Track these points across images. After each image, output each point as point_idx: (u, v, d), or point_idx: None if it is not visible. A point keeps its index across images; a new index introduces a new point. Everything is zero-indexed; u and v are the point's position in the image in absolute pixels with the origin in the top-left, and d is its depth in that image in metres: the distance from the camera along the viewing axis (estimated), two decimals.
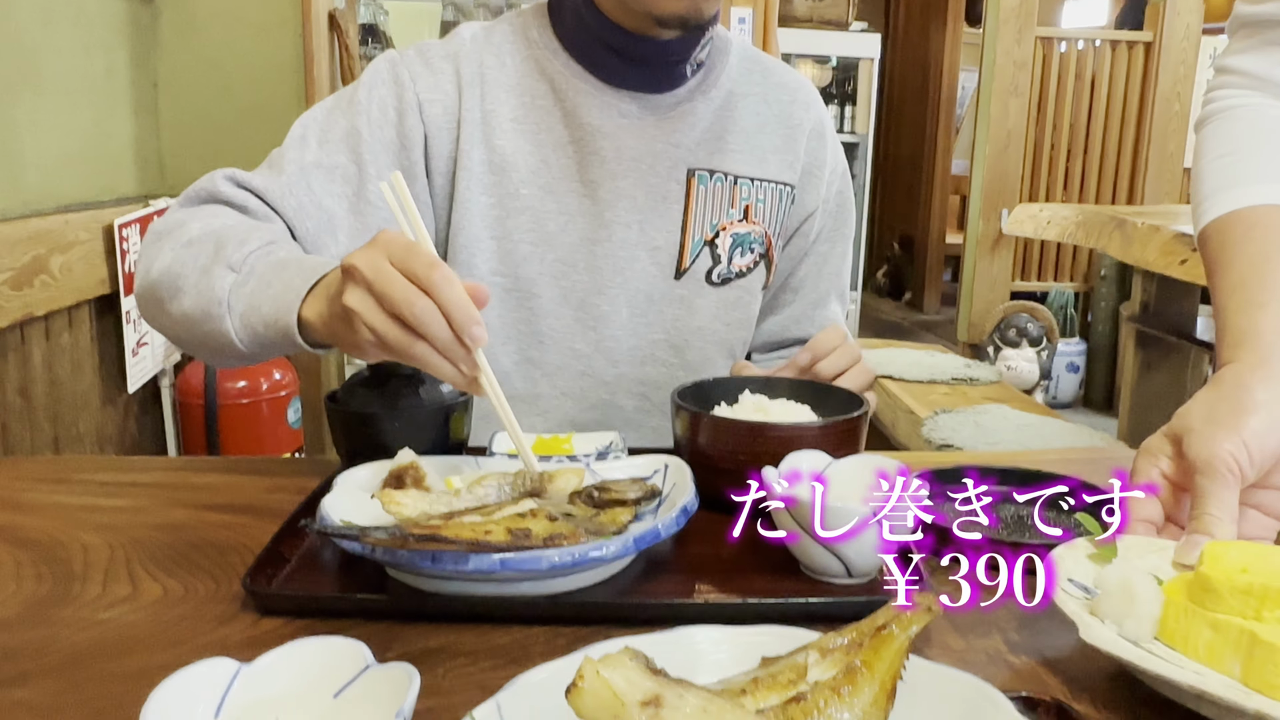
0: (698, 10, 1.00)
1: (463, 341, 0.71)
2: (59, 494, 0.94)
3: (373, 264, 0.71)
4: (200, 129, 2.63)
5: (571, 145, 1.09)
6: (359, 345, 0.74)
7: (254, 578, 0.71)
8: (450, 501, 0.72)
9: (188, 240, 0.92)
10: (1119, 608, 0.62)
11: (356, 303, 0.72)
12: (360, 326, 0.72)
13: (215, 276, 0.88)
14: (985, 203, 4.72)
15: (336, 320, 0.77)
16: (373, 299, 0.71)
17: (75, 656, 0.64)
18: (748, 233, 1.14)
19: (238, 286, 0.87)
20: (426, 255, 0.72)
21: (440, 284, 0.70)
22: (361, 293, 0.72)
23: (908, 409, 3.10)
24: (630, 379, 1.14)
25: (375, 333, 0.72)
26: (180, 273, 0.91)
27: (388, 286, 0.71)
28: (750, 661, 0.53)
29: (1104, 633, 0.60)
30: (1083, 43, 4.80)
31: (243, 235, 0.91)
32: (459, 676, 0.61)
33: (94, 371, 2.23)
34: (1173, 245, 2.68)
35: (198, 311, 0.89)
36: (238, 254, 0.88)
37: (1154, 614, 0.61)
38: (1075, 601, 0.63)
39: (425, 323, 0.71)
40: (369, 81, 1.07)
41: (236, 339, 0.88)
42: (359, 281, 0.72)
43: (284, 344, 0.85)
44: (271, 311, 0.84)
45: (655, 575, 0.75)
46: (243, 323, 0.87)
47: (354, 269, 0.72)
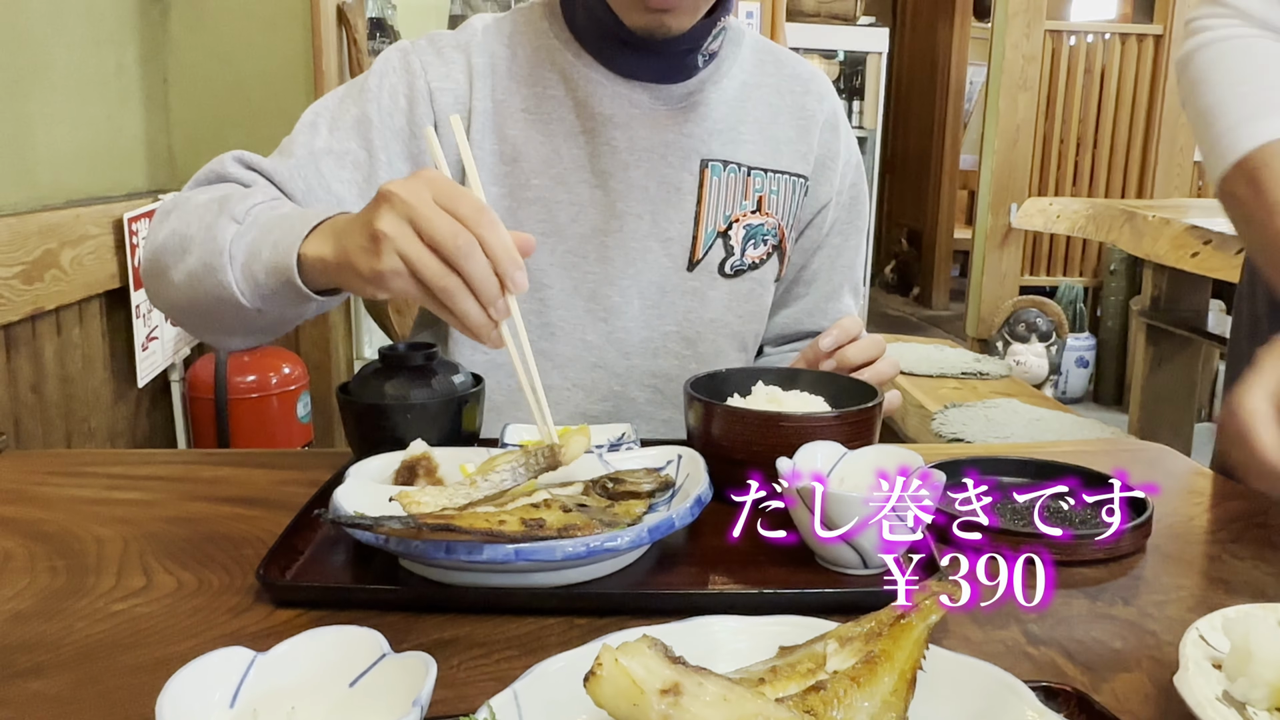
0: (664, 26, 1.01)
1: (503, 284, 0.69)
2: (72, 487, 0.94)
3: (416, 193, 0.69)
4: (210, 123, 2.63)
5: (583, 136, 1.08)
6: (378, 275, 0.71)
7: (268, 569, 0.70)
8: (469, 492, 0.71)
9: (193, 206, 0.92)
10: (1236, 665, 0.56)
11: (391, 227, 0.69)
12: (389, 253, 0.69)
13: (219, 229, 0.87)
14: (994, 197, 4.71)
15: (355, 249, 0.73)
16: (410, 227, 0.69)
17: (90, 648, 0.64)
18: (761, 224, 1.14)
19: (239, 236, 0.86)
20: (475, 198, 0.70)
21: (488, 226, 0.68)
22: (398, 218, 0.69)
23: (918, 403, 3.10)
24: (642, 371, 1.13)
25: (407, 260, 0.69)
26: (186, 233, 0.90)
27: (431, 215, 0.68)
28: (768, 651, 0.53)
29: (1196, 683, 0.54)
30: (1092, 36, 4.78)
31: (248, 191, 0.91)
32: (474, 667, 0.61)
33: (104, 366, 2.23)
34: (1183, 239, 2.66)
35: (201, 266, 0.87)
36: (241, 206, 0.88)
37: (1271, 680, 0.54)
38: (1200, 648, 0.59)
39: (467, 254, 0.68)
40: (380, 70, 1.07)
41: (238, 291, 0.86)
42: (398, 207, 0.69)
43: (285, 292, 0.83)
44: (271, 256, 0.82)
45: (670, 566, 0.75)
46: (244, 273, 0.85)
47: (394, 194, 0.69)
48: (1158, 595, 0.73)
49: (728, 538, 0.78)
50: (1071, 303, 4.94)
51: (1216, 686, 0.56)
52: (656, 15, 0.99)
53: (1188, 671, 0.55)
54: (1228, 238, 2.45)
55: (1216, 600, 0.72)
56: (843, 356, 0.99)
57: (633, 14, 1.01)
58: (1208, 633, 0.60)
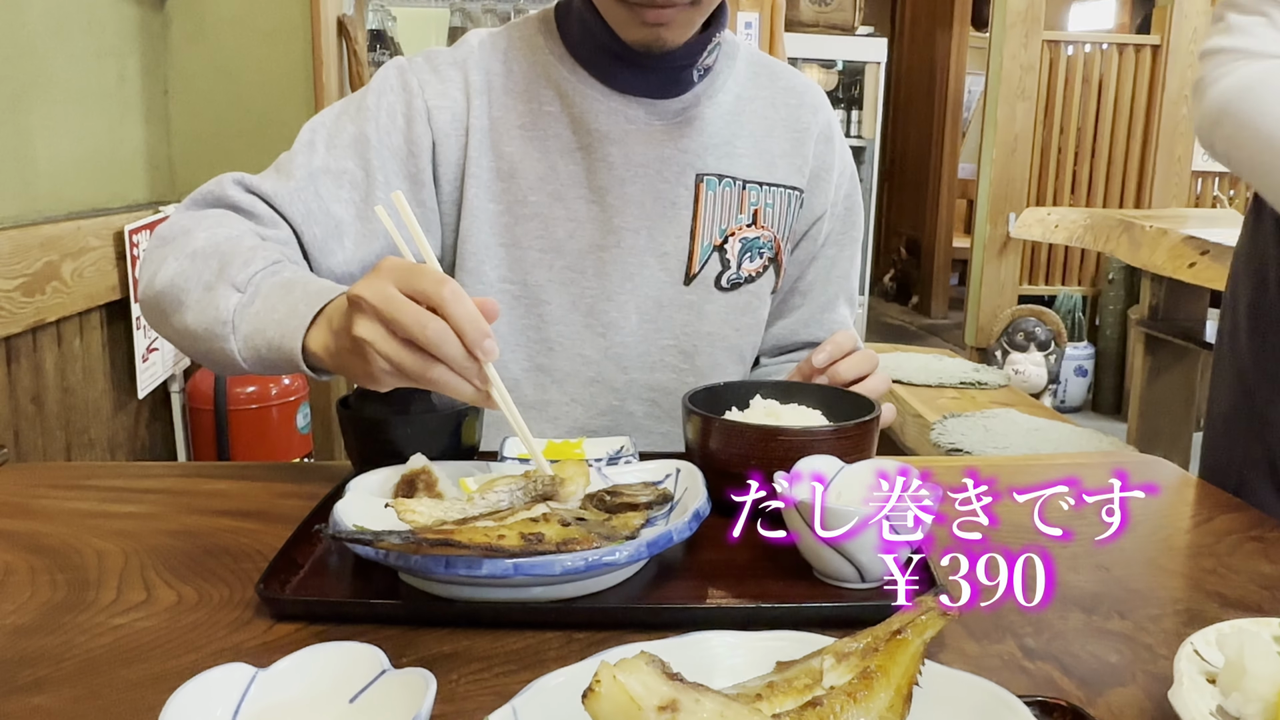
0: (660, 40, 1.02)
1: (474, 356, 0.72)
2: (72, 500, 0.94)
3: (380, 292, 0.72)
4: (210, 135, 2.64)
5: (579, 151, 1.09)
6: (373, 375, 0.75)
7: (268, 583, 0.71)
8: (464, 508, 0.72)
9: (192, 252, 0.92)
10: (1230, 680, 0.55)
11: (367, 332, 0.72)
12: (374, 356, 0.72)
13: (219, 295, 0.89)
14: (992, 206, 4.72)
15: (346, 353, 0.77)
16: (383, 327, 0.72)
17: (91, 663, 0.64)
18: (756, 237, 1.14)
19: (243, 307, 0.88)
20: (433, 274, 0.72)
21: (450, 300, 0.71)
22: (371, 322, 0.72)
23: (916, 413, 3.10)
24: (640, 385, 1.14)
25: (390, 361, 0.72)
26: (184, 287, 0.91)
27: (397, 313, 0.71)
28: (765, 666, 0.53)
29: (1191, 699, 0.55)
30: (1090, 46, 4.79)
31: (247, 253, 0.91)
32: (473, 682, 0.61)
33: (105, 377, 2.24)
34: (1181, 249, 2.67)
35: (200, 328, 0.90)
36: (243, 274, 0.89)
37: (1265, 695, 0.53)
38: (1195, 663, 0.59)
39: (439, 343, 0.71)
40: (378, 88, 1.07)
41: (240, 359, 0.89)
42: (367, 311, 0.72)
43: (287, 368, 0.86)
44: (276, 337, 0.85)
45: (668, 580, 0.75)
46: (247, 344, 0.88)
47: (361, 299, 0.72)
48: (1153, 609, 0.74)
49: (726, 550, 0.79)
50: (1070, 312, 4.95)
51: (1211, 701, 0.56)
52: (653, 30, 1.00)
53: (1182, 687, 0.56)
54: (1225, 248, 2.46)
55: (1212, 614, 0.73)
56: (835, 372, 1.00)
57: (629, 29, 1.02)
58: (1202, 647, 0.60)
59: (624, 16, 1.01)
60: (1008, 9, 4.53)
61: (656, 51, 1.04)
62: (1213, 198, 5.00)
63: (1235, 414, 1.12)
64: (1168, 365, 3.24)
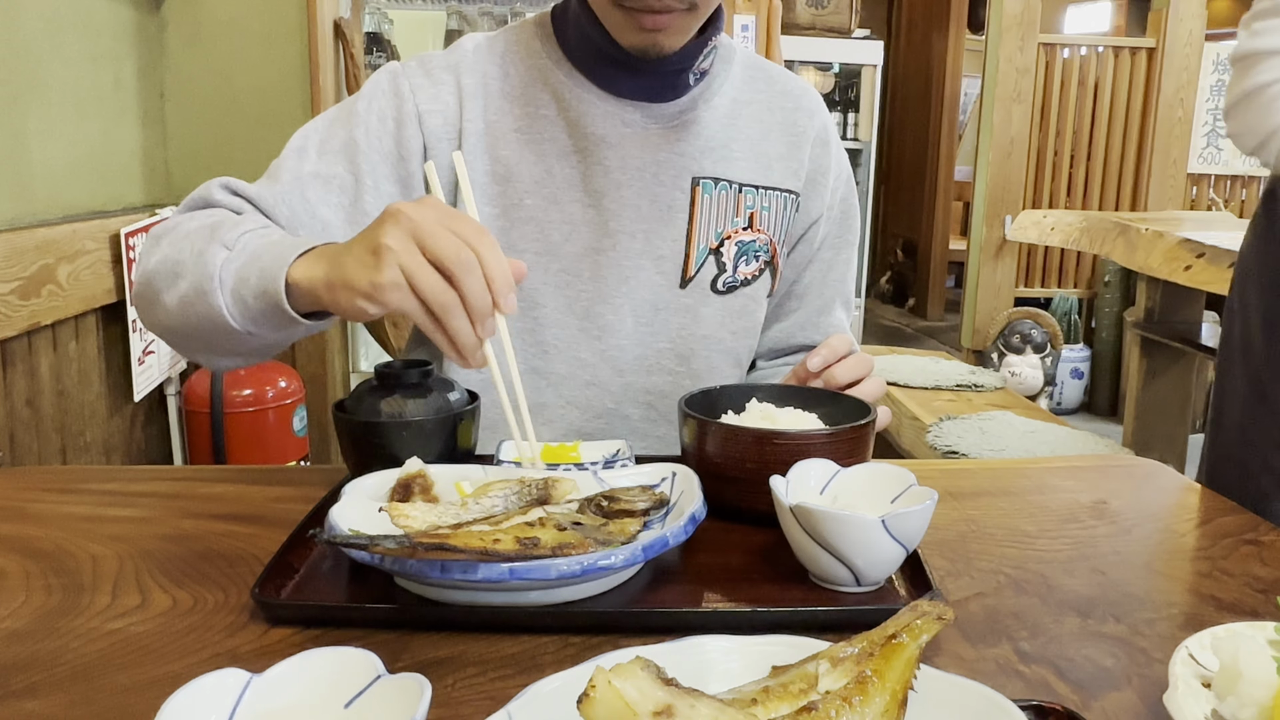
0: (657, 45, 1.02)
1: (496, 304, 0.72)
2: (67, 504, 0.94)
3: (421, 213, 0.72)
4: (206, 138, 2.64)
5: (575, 155, 1.09)
6: (376, 287, 0.73)
7: (263, 588, 0.71)
8: (458, 513, 0.72)
9: (185, 233, 0.93)
10: (1225, 684, 0.56)
11: (396, 241, 0.72)
12: (391, 265, 0.72)
13: (210, 255, 0.89)
14: (989, 209, 4.72)
15: (352, 264, 0.75)
16: (414, 242, 0.72)
17: (85, 668, 0.64)
18: (752, 240, 1.15)
19: (229, 262, 0.87)
20: (474, 222, 0.73)
21: (488, 247, 0.72)
22: (403, 233, 0.72)
23: (912, 415, 3.10)
24: (636, 388, 1.14)
25: (408, 272, 0.72)
26: (178, 259, 0.91)
27: (435, 231, 0.71)
28: (761, 671, 0.53)
29: (1185, 703, 0.55)
30: (1085, 49, 4.80)
31: (239, 219, 0.92)
32: (469, 686, 0.61)
33: (101, 381, 2.23)
34: (1176, 251, 2.68)
35: (192, 291, 0.89)
36: (233, 234, 0.89)
37: (1260, 699, 0.54)
38: (1190, 667, 0.59)
39: (466, 272, 0.71)
40: (369, 93, 1.08)
41: (228, 314, 0.87)
42: (403, 224, 0.72)
43: (273, 315, 0.84)
44: (258, 281, 0.84)
45: (664, 584, 0.75)
46: (233, 297, 0.87)
47: (400, 212, 0.73)
48: (1148, 613, 0.74)
49: (722, 553, 0.79)
50: (1066, 314, 4.96)
51: (1206, 705, 0.56)
52: (650, 35, 1.00)
53: (1177, 691, 0.56)
54: (1220, 251, 2.47)
55: (1207, 618, 0.73)
56: (830, 376, 1.00)
57: (627, 34, 1.02)
58: (1197, 651, 0.60)
59: (621, 22, 1.01)
60: (1004, 12, 4.54)
61: (653, 56, 1.04)
62: (1208, 200, 5.01)
63: (1252, 422, 1.10)
64: (1163, 368, 3.25)
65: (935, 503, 0.72)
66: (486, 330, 0.74)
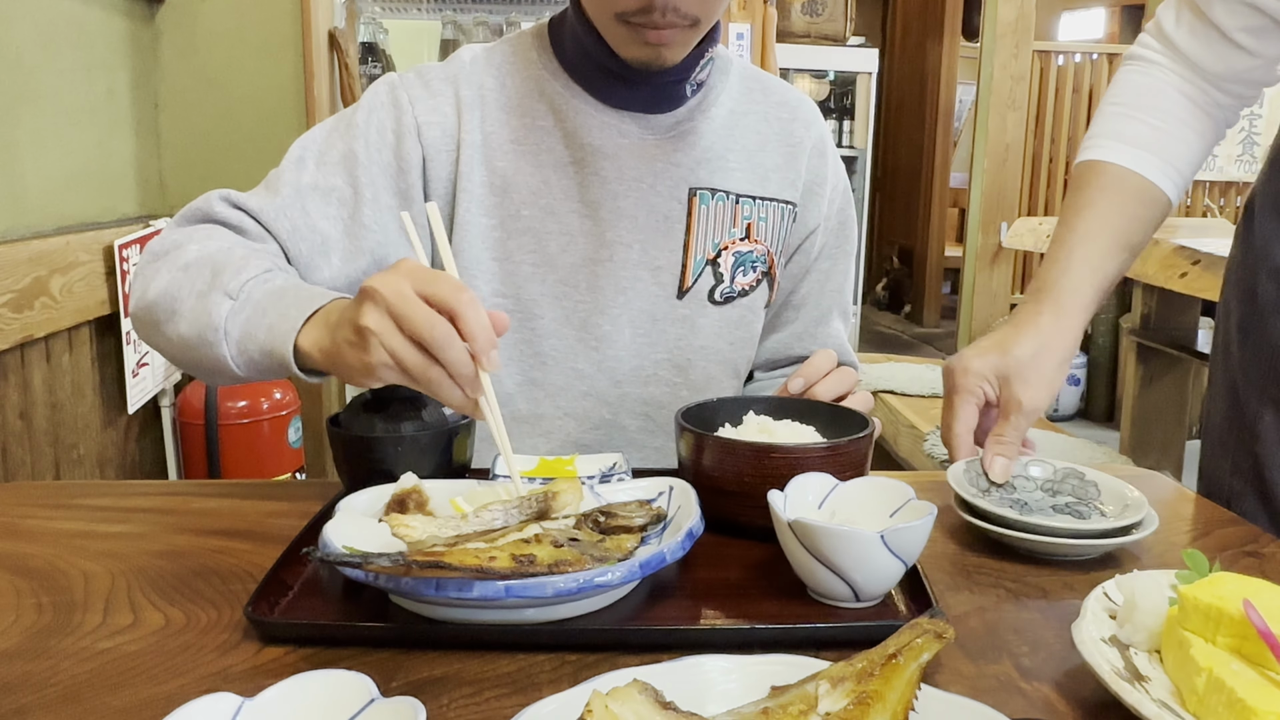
0: (660, 58, 1.02)
1: (479, 364, 0.73)
2: (59, 520, 0.93)
3: (395, 288, 0.72)
4: (201, 149, 2.64)
5: (572, 166, 1.09)
6: (368, 367, 0.75)
7: (256, 606, 0.70)
8: (458, 525, 0.72)
9: (184, 264, 0.93)
10: (1124, 614, 0.64)
11: (375, 323, 0.73)
12: (376, 348, 0.73)
13: (212, 302, 0.89)
14: (984, 216, 4.73)
15: (345, 344, 0.77)
16: (392, 321, 0.72)
17: (76, 689, 0.63)
18: (750, 251, 1.14)
19: (234, 314, 0.88)
20: (451, 280, 0.73)
21: (466, 306, 0.72)
22: (381, 314, 0.73)
23: (909, 424, 3.10)
24: (633, 399, 1.13)
25: (393, 354, 0.73)
26: (177, 295, 0.91)
27: (410, 309, 0.72)
28: (760, 691, 0.52)
29: (1088, 627, 0.63)
30: (1080, 55, 4.82)
31: (240, 262, 0.92)
32: (464, 706, 0.61)
33: (94, 393, 2.23)
34: (1172, 258, 2.68)
35: (193, 336, 0.90)
36: (235, 281, 0.89)
37: (1150, 626, 0.62)
38: (1102, 602, 0.67)
39: (445, 346, 0.72)
40: (368, 104, 1.07)
41: (232, 364, 0.90)
42: (379, 303, 0.73)
43: (280, 371, 0.87)
44: (267, 340, 0.86)
45: (661, 600, 0.74)
46: (239, 349, 0.88)
47: (375, 290, 0.73)
48: None
49: (720, 569, 0.78)
50: None
51: (1106, 631, 0.64)
52: (654, 49, 1.00)
53: (1085, 620, 0.64)
54: (1216, 258, 2.47)
55: None
56: (813, 395, 1.00)
57: (630, 48, 1.01)
58: (1111, 591, 0.69)
59: (624, 36, 1.01)
60: (998, 19, 4.55)
61: (655, 69, 1.04)
62: (1203, 207, 5.02)
63: (1229, 426, 1.12)
64: (1159, 374, 3.25)
65: (934, 517, 0.72)
66: (474, 390, 0.75)
